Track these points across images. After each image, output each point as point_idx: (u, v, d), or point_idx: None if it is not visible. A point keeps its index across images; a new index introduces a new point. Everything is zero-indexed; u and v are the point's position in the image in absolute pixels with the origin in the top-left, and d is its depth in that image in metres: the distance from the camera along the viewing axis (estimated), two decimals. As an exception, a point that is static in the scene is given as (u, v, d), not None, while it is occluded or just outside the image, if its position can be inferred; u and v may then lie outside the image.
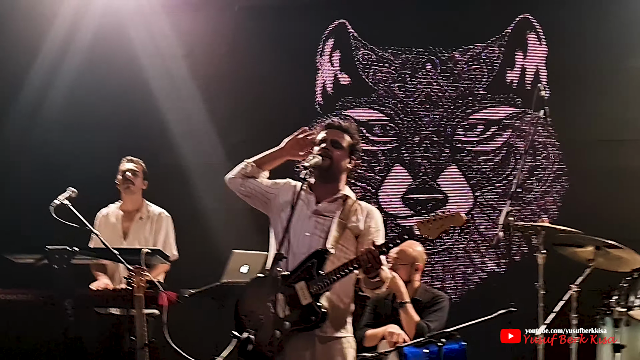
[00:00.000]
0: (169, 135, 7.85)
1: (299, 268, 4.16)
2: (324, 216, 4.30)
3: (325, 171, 4.29)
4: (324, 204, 4.33)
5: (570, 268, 5.59)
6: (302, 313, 4.10)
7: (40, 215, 5.73)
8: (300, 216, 4.28)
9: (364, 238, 4.29)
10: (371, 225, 4.33)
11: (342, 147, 4.35)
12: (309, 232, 4.27)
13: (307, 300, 4.11)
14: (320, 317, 4.09)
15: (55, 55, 7.91)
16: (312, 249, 4.20)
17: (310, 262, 4.16)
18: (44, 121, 7.94)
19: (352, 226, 4.28)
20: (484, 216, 7.33)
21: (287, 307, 4.10)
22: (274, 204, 4.41)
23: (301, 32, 7.85)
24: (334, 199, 4.34)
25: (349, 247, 4.28)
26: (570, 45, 7.32)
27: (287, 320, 4.08)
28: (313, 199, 4.34)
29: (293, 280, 4.14)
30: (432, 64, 7.57)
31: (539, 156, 7.24)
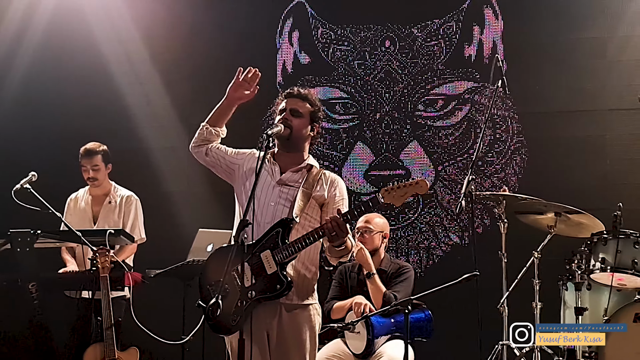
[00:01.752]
0: (131, 119, 7.84)
1: (264, 237, 4.16)
2: (289, 186, 4.31)
3: (286, 140, 4.31)
4: (288, 174, 4.34)
5: (532, 236, 5.67)
6: (267, 282, 4.11)
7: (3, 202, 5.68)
8: (265, 186, 4.29)
9: (328, 207, 4.30)
10: (336, 194, 4.34)
11: (301, 114, 4.34)
12: (274, 201, 4.27)
13: (273, 269, 4.11)
14: (286, 285, 4.10)
15: (12, 40, 7.85)
16: (276, 218, 4.20)
17: (275, 231, 4.16)
18: (3, 107, 7.86)
19: (316, 195, 4.30)
20: (447, 190, 7.40)
21: (253, 276, 4.11)
22: (238, 173, 4.41)
23: (260, 13, 7.87)
24: (298, 168, 4.35)
25: (313, 216, 4.29)
26: (525, 18, 7.41)
27: (253, 290, 4.09)
28: (277, 169, 4.35)
29: (258, 250, 4.14)
30: (390, 40, 7.62)
31: (499, 129, 7.32)
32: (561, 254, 5.58)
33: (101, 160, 6.31)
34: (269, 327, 4.18)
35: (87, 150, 6.30)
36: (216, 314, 3.89)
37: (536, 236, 5.60)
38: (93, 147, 6.31)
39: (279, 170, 4.35)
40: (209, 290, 4.15)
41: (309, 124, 4.38)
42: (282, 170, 4.35)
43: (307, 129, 4.37)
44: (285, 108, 4.36)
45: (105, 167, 6.35)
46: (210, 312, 3.94)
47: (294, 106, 4.36)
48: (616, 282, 5.24)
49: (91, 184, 6.34)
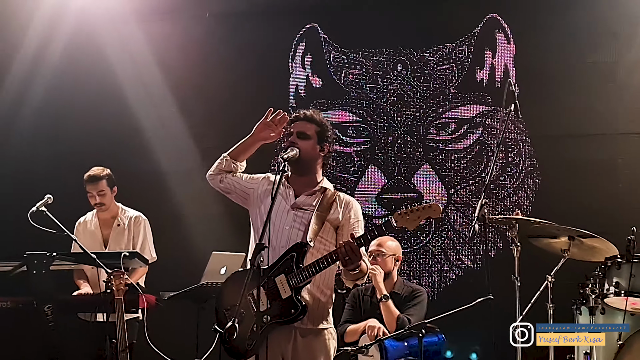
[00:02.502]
0: (145, 141, 7.89)
1: (279, 261, 4.18)
2: (303, 209, 4.32)
3: (295, 163, 4.31)
4: (302, 198, 4.35)
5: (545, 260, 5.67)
6: (282, 306, 4.12)
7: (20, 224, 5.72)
8: (279, 210, 4.30)
9: (343, 229, 4.31)
10: (351, 216, 4.35)
11: (308, 136, 4.35)
12: (288, 225, 4.29)
13: (287, 294, 4.12)
14: (300, 310, 4.11)
15: (29, 65, 7.93)
16: (291, 242, 4.22)
17: (290, 255, 4.17)
18: (21, 131, 7.95)
19: (331, 218, 4.31)
20: (459, 213, 7.42)
21: (268, 301, 4.12)
22: (253, 197, 4.43)
23: (272, 37, 7.92)
24: (312, 192, 4.37)
25: (328, 239, 4.31)
26: (537, 42, 7.45)
27: (268, 314, 4.09)
28: (292, 192, 4.36)
29: (273, 274, 4.15)
30: (402, 64, 7.66)
31: (511, 152, 7.35)
32: (575, 278, 5.57)
33: (106, 185, 6.33)
34: (284, 352, 4.19)
35: (90, 177, 6.31)
36: (232, 337, 3.90)
37: (549, 260, 5.58)
38: (97, 172, 6.32)
39: (293, 194, 4.37)
40: (225, 315, 4.16)
41: (317, 144, 4.37)
42: (296, 193, 4.37)
43: (316, 149, 4.37)
44: (292, 132, 4.38)
45: (110, 191, 6.37)
46: (227, 336, 3.95)
47: (300, 129, 4.37)
48: (630, 306, 5.22)
49: (98, 209, 6.37)
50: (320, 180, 4.43)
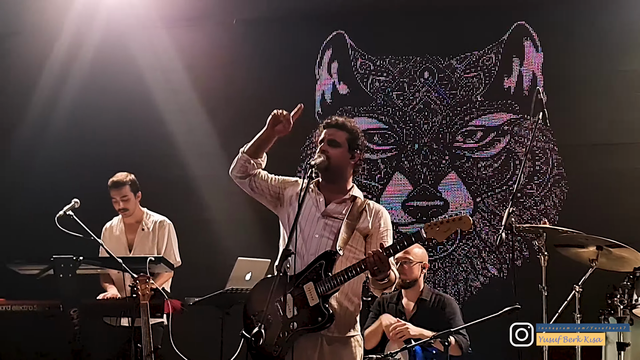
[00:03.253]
0: (173, 146, 7.94)
1: (308, 269, 4.18)
2: (333, 218, 4.31)
3: (325, 170, 4.29)
4: (332, 205, 4.34)
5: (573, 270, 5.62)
6: (309, 314, 4.12)
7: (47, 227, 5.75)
8: (309, 217, 4.30)
9: (372, 238, 4.31)
10: (380, 224, 4.34)
11: (339, 144, 4.33)
12: (318, 233, 4.28)
13: (315, 302, 4.12)
14: (328, 318, 4.10)
15: (59, 72, 8.02)
16: (320, 250, 4.22)
17: (319, 263, 4.17)
18: (51, 135, 8.03)
19: (360, 227, 4.30)
20: (485, 222, 7.38)
21: (295, 308, 4.12)
22: (283, 201, 4.42)
23: (299, 43, 7.93)
24: (342, 199, 4.36)
25: (357, 248, 4.30)
26: (565, 51, 7.41)
27: (295, 321, 4.10)
28: (322, 200, 4.35)
29: (301, 281, 4.16)
30: (429, 72, 7.64)
31: (538, 161, 7.30)
32: (603, 288, 5.51)
33: (129, 190, 6.36)
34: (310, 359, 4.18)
35: (114, 182, 6.35)
36: (259, 343, 3.90)
37: (577, 270, 5.53)
38: (120, 178, 6.36)
39: (323, 201, 4.35)
40: (253, 320, 4.16)
41: (347, 152, 4.36)
42: (326, 201, 4.36)
43: (347, 157, 4.36)
44: (323, 138, 4.37)
45: (134, 197, 6.40)
46: (253, 342, 3.95)
47: (331, 136, 4.35)
48: (659, 317, 5.18)
49: (123, 214, 6.40)
50: (350, 187, 4.41)
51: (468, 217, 4.07)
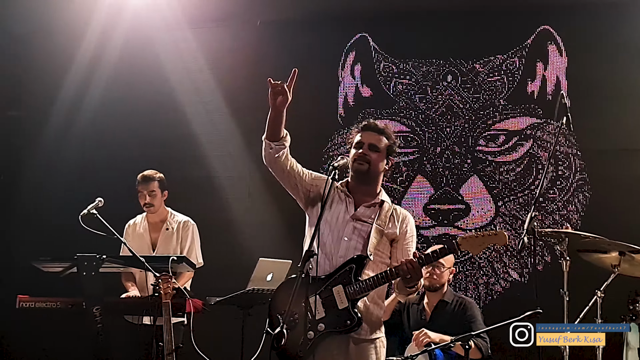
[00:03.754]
0: (197, 147, 7.97)
1: (337, 271, 4.23)
2: (362, 221, 4.35)
3: (363, 175, 4.35)
4: (362, 209, 4.37)
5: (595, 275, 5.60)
6: (337, 316, 4.17)
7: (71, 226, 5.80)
8: (339, 219, 4.34)
9: (398, 243, 4.37)
10: (407, 230, 4.41)
11: (378, 149, 4.37)
12: (347, 236, 4.32)
13: (344, 305, 4.18)
14: (356, 322, 4.17)
15: (85, 71, 8.06)
16: (349, 253, 4.26)
17: (349, 267, 4.22)
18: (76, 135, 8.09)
19: (389, 232, 4.36)
20: (507, 226, 7.36)
21: (323, 309, 4.17)
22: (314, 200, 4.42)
23: (323, 46, 7.94)
24: (371, 203, 4.39)
25: (384, 252, 4.35)
26: (590, 55, 7.37)
27: (322, 322, 4.15)
28: (352, 202, 4.39)
29: (330, 284, 4.21)
30: (452, 75, 7.64)
31: (561, 166, 7.28)
32: (625, 294, 5.50)
33: (157, 187, 6.41)
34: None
35: (144, 177, 6.41)
36: (280, 342, 3.93)
37: (599, 275, 5.52)
38: (150, 173, 6.43)
39: (353, 204, 4.39)
40: (278, 319, 4.19)
41: (385, 157, 4.40)
42: (356, 204, 4.38)
43: (383, 162, 4.40)
44: (362, 142, 4.37)
45: (161, 194, 6.45)
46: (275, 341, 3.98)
47: (372, 141, 4.37)
48: (681, 323, 5.15)
49: (147, 209, 6.43)
50: (379, 191, 4.45)
51: (504, 234, 4.13)
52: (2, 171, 8.34)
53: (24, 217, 8.10)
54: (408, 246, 4.34)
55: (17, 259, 7.62)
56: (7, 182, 8.26)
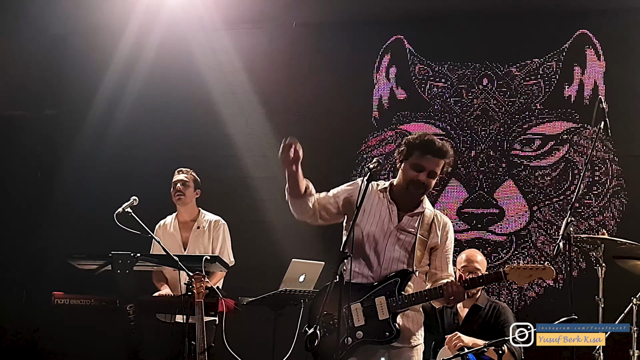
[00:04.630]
0: (232, 147, 8.00)
1: (382, 283, 4.28)
2: (407, 232, 4.37)
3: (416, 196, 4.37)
4: (406, 219, 4.39)
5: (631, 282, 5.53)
6: (377, 327, 4.23)
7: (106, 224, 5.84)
8: (383, 228, 4.35)
9: (437, 251, 4.42)
10: (447, 239, 4.45)
11: (437, 175, 4.36)
12: (392, 247, 4.35)
13: (385, 316, 4.23)
14: (395, 335, 4.22)
15: (122, 71, 8.14)
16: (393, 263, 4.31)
17: (394, 280, 4.27)
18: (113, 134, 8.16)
19: (431, 243, 4.40)
20: (541, 231, 7.30)
21: (364, 318, 4.21)
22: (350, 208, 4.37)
23: (358, 48, 7.94)
24: (415, 212, 4.40)
25: (424, 260, 4.40)
26: (628, 60, 7.31)
27: (361, 330, 4.19)
28: (395, 211, 4.39)
29: (374, 294, 4.26)
30: (488, 79, 7.60)
31: (598, 171, 7.21)
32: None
33: (192, 180, 6.47)
34: None
35: (179, 170, 6.52)
36: (314, 343, 3.94)
37: (635, 282, 5.46)
38: (186, 169, 6.51)
39: (396, 213, 4.38)
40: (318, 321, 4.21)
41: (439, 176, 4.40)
42: (399, 212, 4.38)
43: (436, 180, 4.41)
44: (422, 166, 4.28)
45: (194, 190, 6.48)
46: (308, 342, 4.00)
47: (433, 167, 4.31)
48: None
49: (178, 198, 6.43)
50: (422, 199, 4.45)
51: (552, 269, 4.24)
52: (40, 169, 8.44)
53: (60, 214, 8.19)
54: (447, 254, 4.39)
55: (53, 256, 7.71)
56: (44, 180, 8.36)
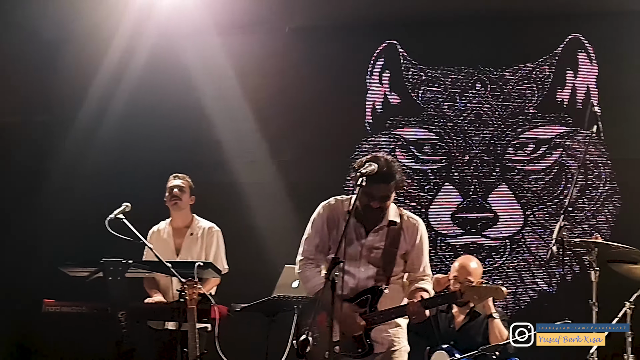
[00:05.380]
0: (223, 153, 7.96)
1: (354, 299, 4.36)
2: (375, 248, 4.45)
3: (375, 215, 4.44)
4: (372, 236, 4.46)
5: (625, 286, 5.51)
6: (351, 342, 4.31)
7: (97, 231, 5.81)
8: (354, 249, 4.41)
9: (410, 255, 4.51)
10: (418, 239, 4.51)
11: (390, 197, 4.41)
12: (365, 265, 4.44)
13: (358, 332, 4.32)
14: (367, 351, 4.33)
15: (112, 76, 8.09)
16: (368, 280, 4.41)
17: (365, 297, 4.36)
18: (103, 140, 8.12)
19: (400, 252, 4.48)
20: (535, 235, 7.29)
21: (339, 332, 4.23)
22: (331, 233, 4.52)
23: (351, 52, 7.93)
24: (379, 227, 4.47)
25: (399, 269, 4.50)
26: (620, 64, 7.30)
27: (338, 345, 4.20)
28: (362, 229, 4.45)
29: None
30: (481, 83, 7.59)
31: (591, 175, 7.20)
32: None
33: (187, 186, 6.44)
34: None
35: (175, 175, 6.48)
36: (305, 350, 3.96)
37: (629, 286, 5.44)
38: (181, 174, 6.49)
39: (363, 231, 4.46)
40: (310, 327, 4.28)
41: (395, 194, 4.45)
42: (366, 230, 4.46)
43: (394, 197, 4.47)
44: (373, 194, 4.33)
45: (189, 196, 6.46)
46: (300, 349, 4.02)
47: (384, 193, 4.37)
48: None
49: (173, 203, 6.41)
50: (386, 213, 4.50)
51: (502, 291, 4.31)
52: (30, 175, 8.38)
53: (50, 221, 8.13)
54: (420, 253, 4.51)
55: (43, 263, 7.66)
56: (34, 186, 8.30)
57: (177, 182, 6.44)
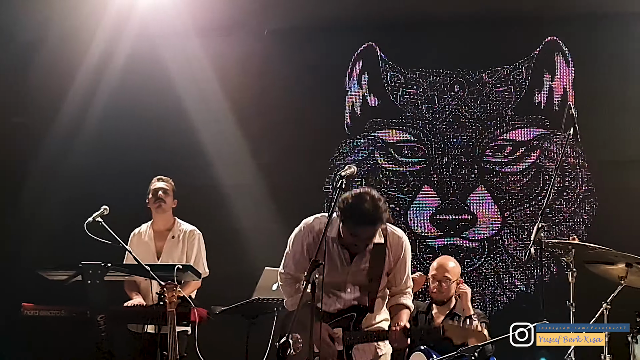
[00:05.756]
0: (203, 155, 7.93)
1: (339, 315, 4.42)
2: (360, 271, 4.46)
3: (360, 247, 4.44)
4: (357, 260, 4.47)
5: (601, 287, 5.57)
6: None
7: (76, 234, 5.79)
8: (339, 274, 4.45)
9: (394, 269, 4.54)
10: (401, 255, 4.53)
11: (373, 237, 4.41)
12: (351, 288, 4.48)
13: (340, 347, 4.38)
14: None
15: (91, 78, 8.04)
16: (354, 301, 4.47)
17: (350, 314, 4.42)
18: (82, 142, 8.07)
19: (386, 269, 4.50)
20: (513, 237, 7.34)
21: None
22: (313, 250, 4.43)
23: (330, 55, 7.94)
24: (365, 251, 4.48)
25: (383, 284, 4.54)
26: (597, 66, 7.37)
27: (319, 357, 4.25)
28: (347, 254, 4.46)
29: (332, 324, 4.39)
30: (460, 85, 7.63)
31: (568, 177, 7.26)
32: (632, 306, 5.46)
33: (171, 189, 6.43)
34: None
35: (159, 178, 6.46)
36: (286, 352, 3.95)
37: (606, 287, 5.49)
38: (165, 177, 6.47)
39: (348, 256, 4.47)
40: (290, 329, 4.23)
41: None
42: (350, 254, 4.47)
43: None
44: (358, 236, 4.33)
45: (172, 199, 6.44)
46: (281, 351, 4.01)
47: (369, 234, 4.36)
48: (689, 336, 5.11)
49: (157, 207, 6.38)
50: None
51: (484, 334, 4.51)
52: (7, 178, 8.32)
53: (28, 224, 8.08)
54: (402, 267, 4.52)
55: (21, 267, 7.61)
56: (11, 189, 8.24)
57: (161, 185, 6.42)
